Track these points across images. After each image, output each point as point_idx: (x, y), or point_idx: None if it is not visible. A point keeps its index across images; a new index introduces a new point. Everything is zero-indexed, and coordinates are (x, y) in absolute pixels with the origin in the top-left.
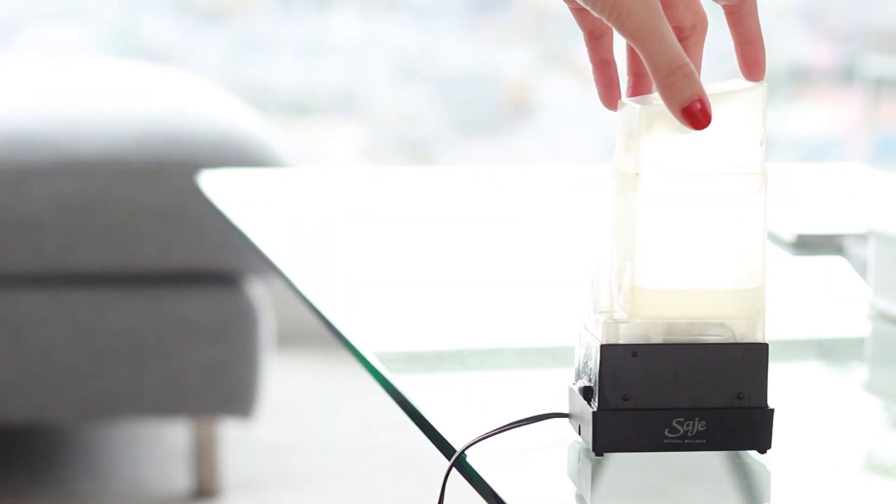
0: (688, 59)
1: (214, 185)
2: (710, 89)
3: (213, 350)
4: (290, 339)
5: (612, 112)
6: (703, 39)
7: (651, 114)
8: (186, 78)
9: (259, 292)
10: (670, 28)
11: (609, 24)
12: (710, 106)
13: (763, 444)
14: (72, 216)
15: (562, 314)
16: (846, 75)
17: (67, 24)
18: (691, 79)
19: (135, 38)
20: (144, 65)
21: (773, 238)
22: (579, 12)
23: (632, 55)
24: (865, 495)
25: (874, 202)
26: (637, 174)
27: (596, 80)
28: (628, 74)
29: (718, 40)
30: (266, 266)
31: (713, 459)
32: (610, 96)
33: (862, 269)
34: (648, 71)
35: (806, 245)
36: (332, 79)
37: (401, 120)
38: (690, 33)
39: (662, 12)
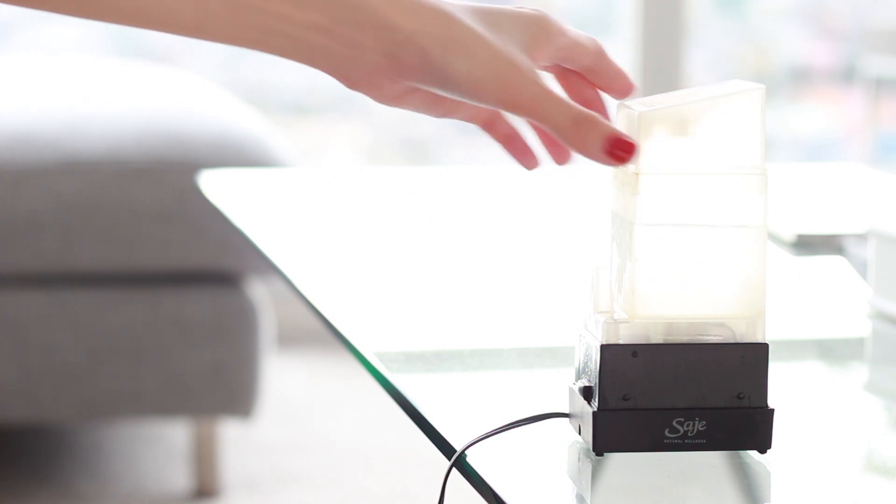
0: (584, 109)
1: (214, 185)
2: (710, 91)
3: (213, 350)
4: (290, 339)
5: (532, 174)
6: (606, 55)
7: (650, 116)
8: (186, 78)
9: (259, 292)
10: (551, 89)
11: (501, 110)
12: (627, 137)
13: (763, 444)
14: (72, 216)
15: (562, 314)
16: (846, 75)
17: (67, 24)
18: (594, 123)
19: (135, 38)
20: (144, 65)
21: (773, 238)
22: (467, 110)
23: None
24: (865, 495)
25: (874, 202)
26: (637, 174)
27: (511, 155)
28: (540, 138)
29: (718, 39)
30: (266, 266)
31: (713, 459)
32: (529, 162)
33: (862, 269)
34: (554, 135)
35: (806, 245)
36: (332, 79)
37: (401, 120)
38: (597, 62)
39: (539, 78)
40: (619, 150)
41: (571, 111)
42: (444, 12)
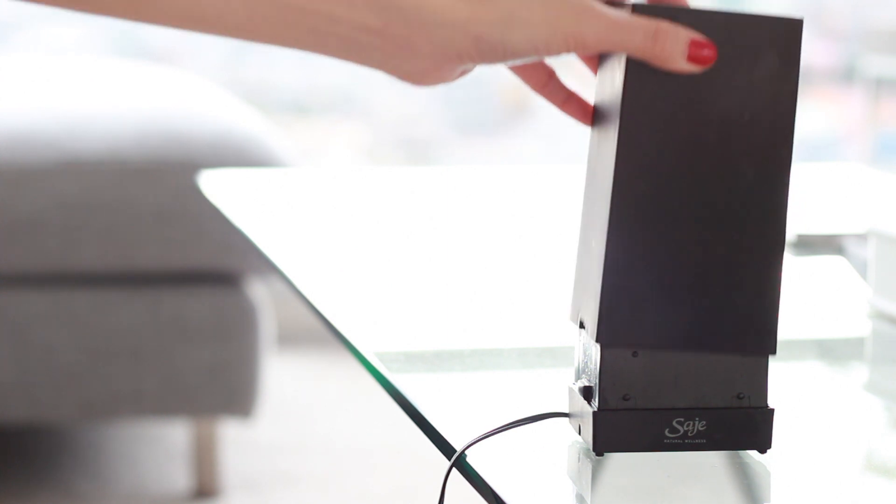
0: (649, 20)
1: (214, 185)
2: None
3: (213, 350)
4: (290, 339)
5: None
6: None
7: None
8: (186, 78)
9: (259, 292)
10: (614, 10)
11: (570, 54)
12: (702, 36)
13: (763, 444)
14: (72, 216)
15: (562, 314)
16: (846, 75)
17: (67, 25)
18: (668, 33)
19: (135, 38)
20: (144, 65)
21: None
22: (521, 71)
23: (592, 60)
24: (865, 495)
25: (874, 202)
26: None
27: (571, 115)
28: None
29: None
30: (266, 266)
31: (713, 459)
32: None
33: (862, 269)
34: (636, 56)
35: (806, 245)
36: (332, 79)
37: (401, 120)
38: None
39: (593, 7)
40: (702, 53)
41: (641, 30)
42: None
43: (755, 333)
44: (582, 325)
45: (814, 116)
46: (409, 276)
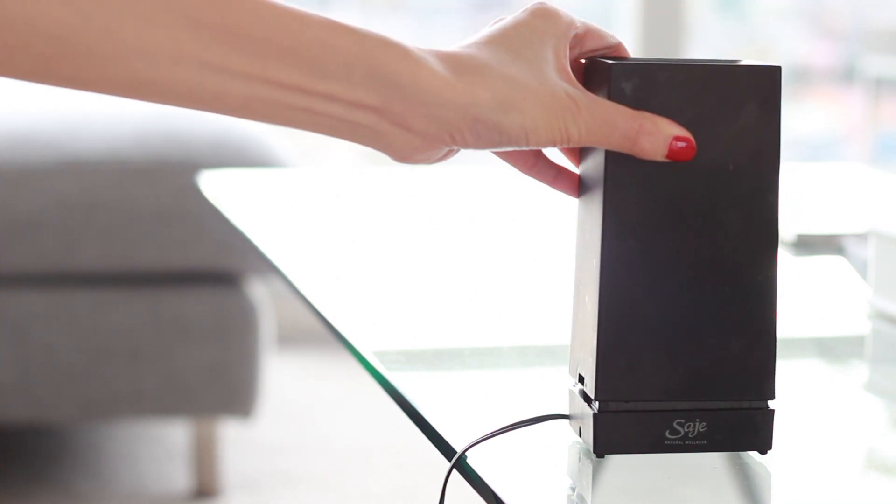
0: (632, 119)
1: (214, 185)
2: None
3: (213, 350)
4: (290, 339)
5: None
6: (621, 43)
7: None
8: None
9: (259, 292)
10: (598, 103)
11: (559, 146)
12: (684, 131)
13: (764, 445)
14: (72, 216)
15: (561, 313)
16: (846, 75)
17: None
18: (649, 134)
19: None
20: None
21: None
22: (509, 156)
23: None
24: (865, 495)
25: (874, 202)
26: None
27: (563, 191)
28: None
29: (718, 39)
30: (266, 266)
31: (714, 460)
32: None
33: (862, 269)
34: (620, 151)
35: (806, 245)
36: None
37: None
38: (617, 47)
39: (580, 100)
40: (681, 148)
41: (622, 128)
42: (484, 69)
43: (754, 380)
44: (581, 380)
45: (814, 116)
46: (409, 275)
